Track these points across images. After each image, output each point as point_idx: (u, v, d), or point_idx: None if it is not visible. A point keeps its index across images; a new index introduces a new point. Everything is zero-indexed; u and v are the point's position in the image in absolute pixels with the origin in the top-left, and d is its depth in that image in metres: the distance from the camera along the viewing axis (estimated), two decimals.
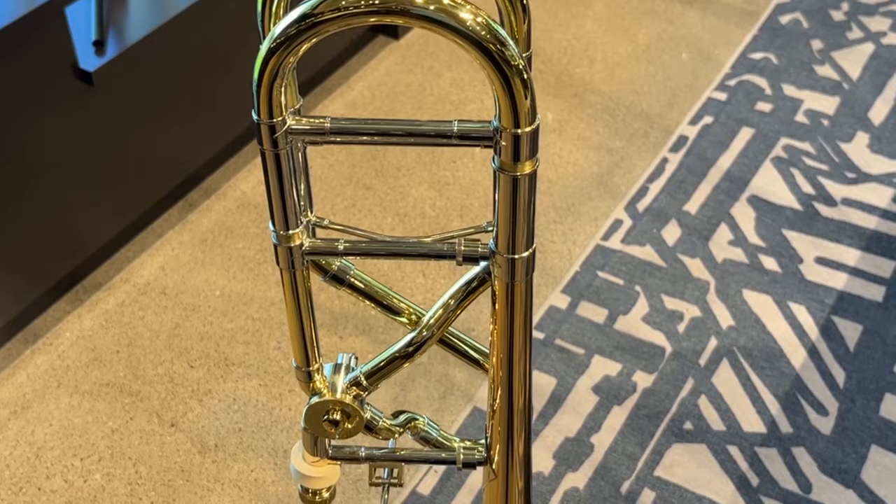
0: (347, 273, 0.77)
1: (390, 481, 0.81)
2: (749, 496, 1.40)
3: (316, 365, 0.74)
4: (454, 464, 0.78)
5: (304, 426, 0.77)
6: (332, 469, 0.81)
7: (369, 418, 0.78)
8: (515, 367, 0.68)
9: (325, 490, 0.84)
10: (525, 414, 0.69)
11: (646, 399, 1.52)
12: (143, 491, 1.43)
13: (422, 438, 0.81)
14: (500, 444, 0.71)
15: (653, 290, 1.67)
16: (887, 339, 1.58)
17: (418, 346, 0.76)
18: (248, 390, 1.55)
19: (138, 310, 1.66)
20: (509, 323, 0.66)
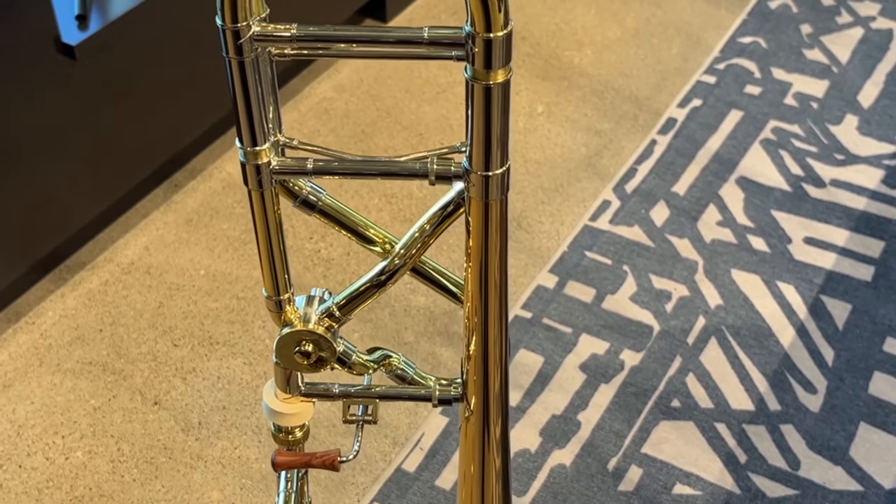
0: (318, 198, 0.75)
1: (364, 418, 0.79)
2: (737, 473, 1.39)
3: (286, 294, 0.72)
4: (429, 400, 0.76)
5: (275, 360, 0.75)
6: (306, 406, 0.79)
7: (342, 351, 0.76)
8: (491, 296, 0.66)
9: (299, 429, 0.82)
10: (501, 346, 0.68)
11: (633, 377, 1.51)
12: (126, 468, 1.42)
13: (396, 376, 0.80)
14: (476, 378, 0.69)
15: (641, 270, 1.66)
16: (876, 318, 1.57)
17: (391, 274, 0.75)
18: (233, 369, 1.54)
19: (122, 289, 1.64)
20: (483, 247, 0.65)
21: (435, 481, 1.39)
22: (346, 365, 0.76)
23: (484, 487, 0.72)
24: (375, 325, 1.59)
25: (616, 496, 1.37)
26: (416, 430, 1.46)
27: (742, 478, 1.38)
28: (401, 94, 1.98)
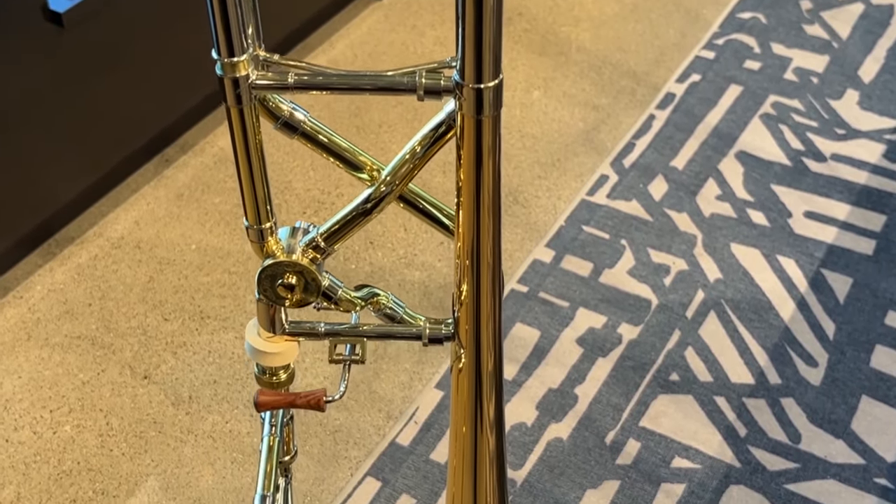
0: (301, 120, 0.72)
1: (352, 358, 0.77)
2: (736, 446, 1.37)
3: (268, 224, 0.70)
4: (419, 339, 0.74)
5: (257, 295, 0.72)
6: (290, 346, 0.76)
7: (328, 286, 0.73)
8: (483, 223, 0.64)
9: (283, 371, 0.79)
10: (494, 279, 0.65)
11: (631, 351, 1.48)
12: (115, 442, 1.39)
13: (385, 316, 0.77)
14: (469, 314, 0.66)
15: (639, 244, 1.63)
16: (878, 292, 1.55)
17: (377, 202, 0.72)
18: (224, 343, 1.51)
19: (111, 263, 1.62)
20: (476, 168, 0.62)
21: (430, 455, 1.37)
22: (332, 300, 0.74)
23: (477, 439, 0.70)
24: None
25: (614, 470, 1.35)
26: (410, 404, 1.43)
27: (742, 451, 1.36)
28: None
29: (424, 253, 1.63)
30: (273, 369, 0.79)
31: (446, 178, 1.75)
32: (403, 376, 1.47)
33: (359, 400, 1.44)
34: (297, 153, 1.78)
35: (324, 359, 1.49)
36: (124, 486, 1.34)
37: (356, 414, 1.42)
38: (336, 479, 1.35)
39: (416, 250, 1.64)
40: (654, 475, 1.34)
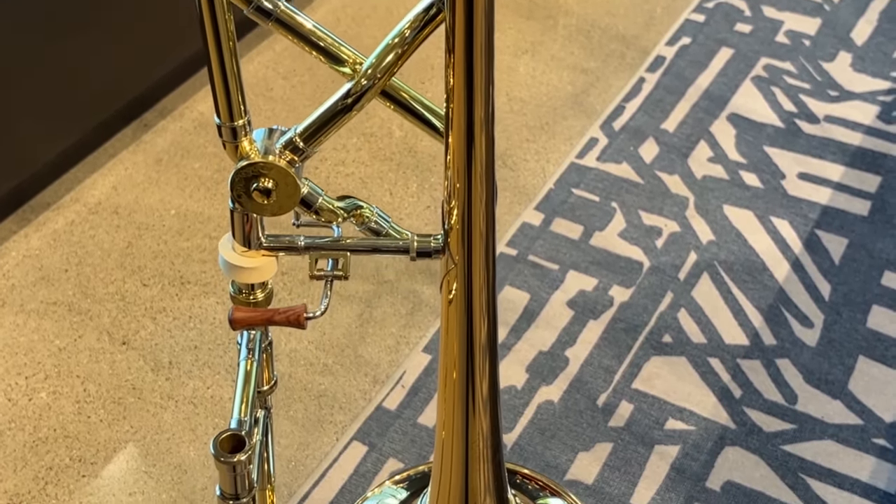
0: (275, 4, 0.68)
1: (334, 274, 0.72)
2: (731, 407, 1.33)
3: (241, 121, 0.65)
4: (406, 253, 0.70)
5: (231, 204, 0.68)
6: (267, 262, 0.72)
7: (307, 193, 0.68)
8: (476, 117, 0.60)
9: (260, 290, 0.75)
10: (488, 181, 0.61)
11: (623, 313, 1.45)
12: (92, 409, 1.35)
13: (370, 230, 0.73)
14: (460, 222, 0.62)
15: (630, 207, 1.60)
16: (874, 252, 1.51)
17: (358, 97, 0.67)
18: (205, 308, 1.47)
19: (88, 229, 1.57)
20: (467, 54, 0.58)
21: (417, 419, 1.33)
22: (312, 209, 0.69)
23: (472, 365, 0.66)
24: (354, 263, 1.52)
25: (606, 432, 1.31)
26: (397, 368, 1.39)
27: (737, 412, 1.33)
28: (380, 34, 1.90)
29: (410, 217, 1.59)
30: (249, 288, 0.74)
31: (432, 142, 1.70)
32: (390, 340, 1.43)
33: (344, 364, 1.40)
34: (282, 103, 1.73)
35: None
36: (102, 452, 1.30)
37: (341, 378, 1.38)
38: (321, 443, 1.31)
39: (402, 214, 1.60)
40: (647, 437, 1.31)
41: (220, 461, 0.58)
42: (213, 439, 0.55)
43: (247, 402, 0.60)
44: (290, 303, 1.47)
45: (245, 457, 0.58)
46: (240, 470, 0.57)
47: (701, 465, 1.27)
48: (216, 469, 0.57)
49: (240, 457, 0.58)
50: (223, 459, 0.58)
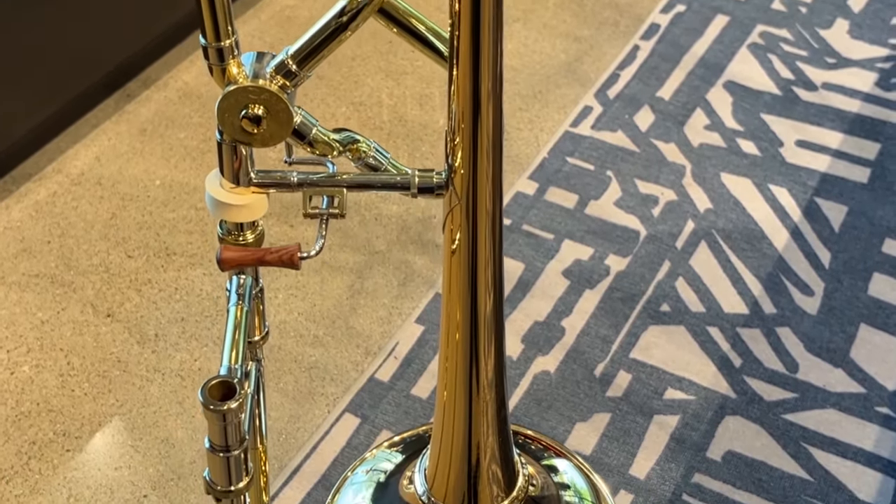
0: None
1: (329, 212, 0.68)
2: (731, 377, 1.30)
3: (228, 41, 0.61)
4: (407, 189, 0.66)
5: (218, 136, 0.64)
6: (258, 199, 0.68)
7: (301, 122, 0.64)
8: (483, 41, 0.56)
9: (250, 231, 0.71)
10: (495, 112, 0.58)
11: (619, 282, 1.42)
12: (76, 382, 1.31)
13: (367, 166, 0.69)
14: (465, 155, 0.58)
15: (625, 175, 1.56)
16: (874, 220, 1.49)
17: (353, 14, 0.63)
18: (192, 279, 1.43)
19: (71, 200, 1.53)
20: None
21: (410, 390, 1.30)
22: (305, 140, 0.66)
23: (475, 312, 0.62)
24: (344, 234, 1.49)
25: (604, 402, 1.28)
26: (389, 340, 1.36)
27: (737, 382, 1.30)
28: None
29: None
30: (239, 229, 0.70)
31: (423, 110, 1.67)
32: (382, 311, 1.39)
33: (335, 336, 1.36)
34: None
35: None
36: (87, 426, 1.26)
37: (333, 350, 1.35)
38: (312, 416, 1.28)
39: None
40: (646, 407, 1.28)
41: (209, 409, 0.55)
42: (201, 387, 0.51)
43: (237, 350, 0.56)
44: (277, 274, 1.43)
45: (236, 405, 0.54)
46: (230, 419, 0.53)
47: (701, 434, 1.25)
48: (205, 419, 0.53)
49: (230, 405, 0.54)
50: (212, 408, 0.54)
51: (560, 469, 0.78)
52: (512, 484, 0.70)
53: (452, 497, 0.69)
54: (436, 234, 1.49)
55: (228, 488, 0.57)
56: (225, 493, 0.57)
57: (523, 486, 0.70)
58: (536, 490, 0.73)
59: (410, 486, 0.72)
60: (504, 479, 0.69)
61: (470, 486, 0.68)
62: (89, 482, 1.21)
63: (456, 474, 0.68)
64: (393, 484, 0.74)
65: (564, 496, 0.73)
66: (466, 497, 0.69)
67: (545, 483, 0.74)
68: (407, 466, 0.75)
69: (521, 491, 0.70)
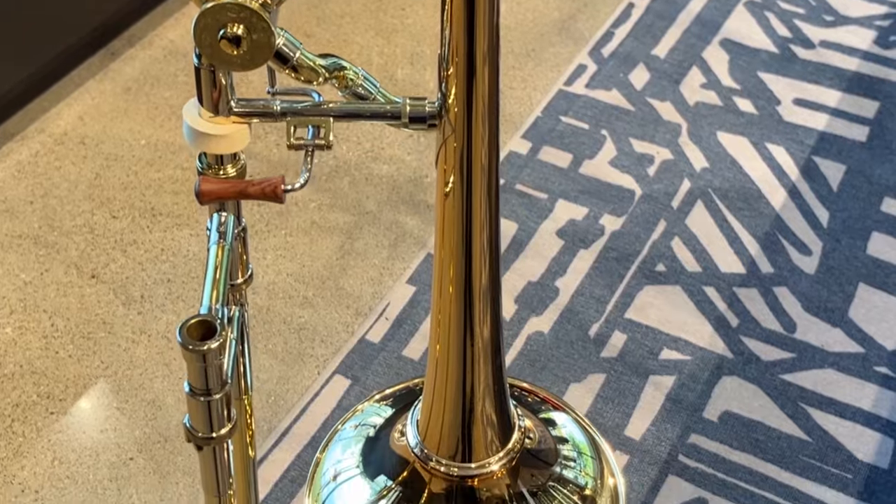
0: None
1: (315, 143, 0.65)
2: (728, 337, 1.28)
3: None
4: (398, 119, 0.63)
5: (196, 60, 0.61)
6: (239, 129, 0.65)
7: (283, 44, 0.60)
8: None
9: (231, 164, 0.67)
10: (490, 36, 0.55)
11: (614, 242, 1.39)
12: (60, 344, 1.28)
13: (355, 95, 0.66)
14: (460, 80, 0.55)
15: (620, 134, 1.54)
16: (873, 179, 1.46)
17: None
18: (178, 240, 1.40)
19: (54, 160, 1.50)
20: None
21: (402, 351, 1.27)
22: (289, 64, 0.62)
23: (470, 249, 0.59)
24: (334, 195, 1.46)
25: (599, 363, 1.26)
26: (380, 301, 1.33)
27: (734, 342, 1.28)
28: None
29: (392, 146, 1.53)
30: (219, 162, 0.66)
31: (414, 69, 1.64)
32: (372, 272, 1.37)
33: (325, 297, 1.34)
34: None
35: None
36: (71, 388, 1.24)
37: (322, 311, 1.32)
38: (302, 377, 1.25)
39: (382, 144, 1.53)
40: (641, 367, 1.26)
41: (188, 349, 0.52)
42: (178, 325, 0.48)
43: (218, 291, 0.53)
44: (265, 234, 1.41)
45: (216, 345, 0.51)
46: (211, 360, 0.50)
47: (697, 395, 1.23)
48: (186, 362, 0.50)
49: (210, 344, 0.51)
50: (192, 347, 0.51)
51: (558, 422, 0.76)
52: (508, 435, 0.67)
53: (446, 448, 0.67)
54: (427, 195, 1.47)
55: (210, 434, 0.54)
56: (206, 440, 0.54)
57: (519, 439, 0.68)
58: (533, 443, 0.70)
59: (402, 438, 0.70)
60: (499, 430, 0.67)
61: (464, 436, 0.66)
62: (74, 445, 1.18)
63: (449, 424, 0.66)
64: (384, 437, 0.72)
65: (563, 450, 0.71)
66: (460, 448, 0.67)
67: (543, 436, 0.72)
68: (398, 419, 0.72)
69: (517, 443, 0.68)
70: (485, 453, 0.67)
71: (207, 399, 0.52)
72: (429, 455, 0.67)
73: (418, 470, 0.67)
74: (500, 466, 0.68)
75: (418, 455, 0.68)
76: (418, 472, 0.67)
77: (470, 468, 0.67)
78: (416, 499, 0.66)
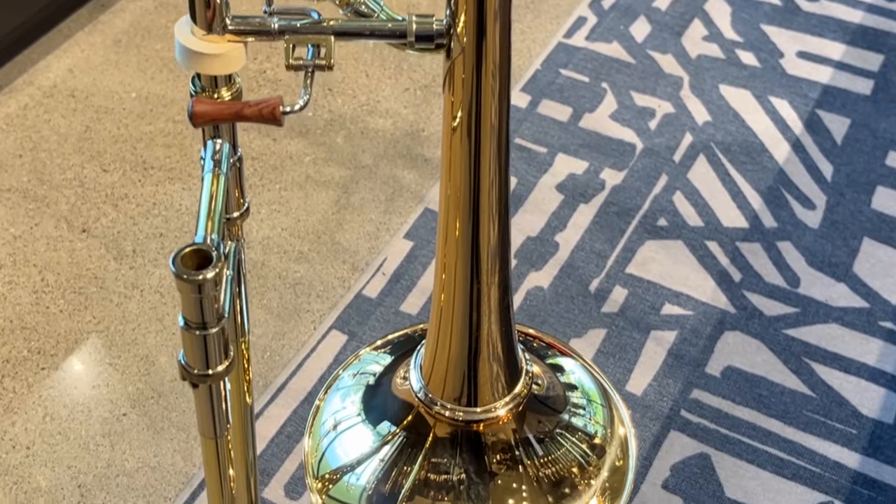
0: None
1: (315, 63, 0.62)
2: (731, 292, 1.26)
3: None
4: (403, 38, 0.60)
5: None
6: (234, 49, 0.62)
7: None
8: None
9: (226, 87, 0.64)
10: None
11: (615, 196, 1.37)
12: (51, 299, 1.26)
13: (357, 13, 0.63)
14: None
15: (621, 87, 1.51)
16: (877, 132, 1.44)
17: None
18: (171, 194, 1.37)
19: (44, 113, 1.46)
20: None
21: (399, 307, 1.25)
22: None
23: (478, 179, 0.57)
24: (329, 148, 1.43)
25: (599, 318, 1.24)
26: (377, 255, 1.31)
27: (737, 297, 1.26)
28: None
29: (388, 100, 1.50)
30: (213, 84, 0.63)
31: None
32: (369, 226, 1.34)
33: (321, 252, 1.31)
34: None
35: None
36: (63, 344, 1.22)
37: (318, 266, 1.30)
38: (298, 333, 1.23)
39: (378, 97, 1.50)
40: (642, 323, 1.24)
41: (182, 279, 0.49)
42: (172, 255, 0.46)
43: (213, 221, 0.50)
44: (259, 188, 1.38)
45: (212, 274, 0.48)
46: (206, 291, 0.48)
47: (700, 350, 1.21)
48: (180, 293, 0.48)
49: (206, 274, 0.49)
50: (186, 277, 0.49)
51: (567, 369, 0.74)
52: (515, 379, 0.65)
53: (451, 392, 0.65)
54: (425, 149, 1.44)
55: (206, 371, 0.51)
56: (202, 378, 0.52)
57: (527, 383, 0.66)
58: (541, 389, 0.68)
59: (405, 383, 0.67)
60: (506, 374, 0.64)
61: (469, 379, 0.64)
62: (65, 401, 1.16)
63: (454, 367, 0.64)
64: (385, 384, 0.70)
65: (572, 397, 0.69)
66: (466, 391, 0.65)
67: (551, 383, 0.70)
68: (399, 366, 0.70)
69: (525, 387, 0.66)
70: (491, 397, 0.65)
71: (203, 333, 0.50)
72: (433, 399, 0.65)
73: (423, 415, 0.65)
74: (506, 411, 0.66)
75: (422, 400, 0.66)
76: (423, 417, 0.65)
77: (475, 412, 0.65)
78: (421, 444, 0.65)
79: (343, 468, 0.68)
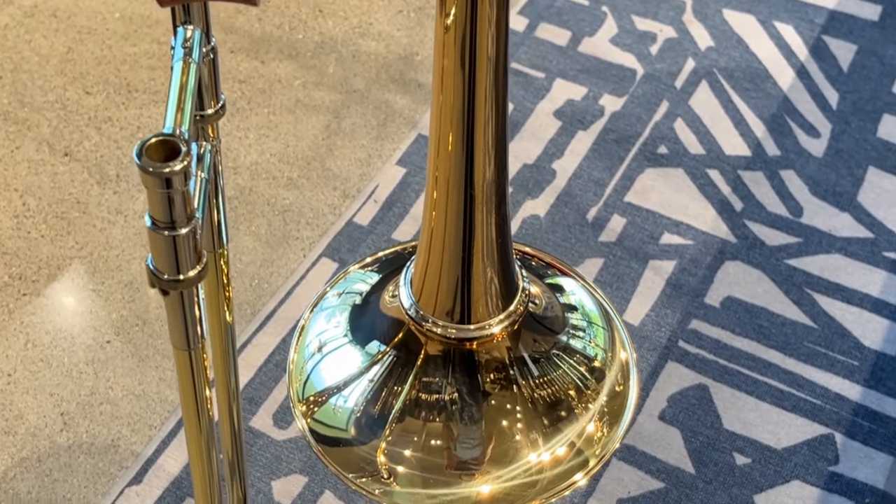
0: None
1: None
2: (732, 221, 1.23)
3: None
4: None
5: None
6: None
7: None
8: None
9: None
10: None
11: (615, 123, 1.33)
12: (33, 224, 1.22)
13: None
14: None
15: (622, 11, 1.46)
16: (885, 59, 1.40)
17: None
18: (155, 118, 1.33)
19: (24, 33, 1.41)
20: None
21: (391, 234, 1.22)
22: None
23: (474, 76, 0.53)
24: (319, 72, 1.39)
25: (597, 247, 1.21)
26: (368, 182, 1.27)
27: (738, 226, 1.23)
28: None
29: (381, 22, 1.45)
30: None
31: None
32: (360, 153, 1.30)
33: (311, 178, 1.27)
34: None
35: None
36: (45, 269, 1.18)
37: (308, 193, 1.26)
38: (287, 260, 1.20)
39: (371, 19, 1.45)
40: (641, 252, 1.20)
41: (147, 172, 0.45)
42: (136, 147, 0.42)
43: (182, 113, 0.46)
44: (247, 112, 1.34)
45: (180, 167, 0.44)
46: (175, 185, 0.44)
47: (699, 280, 1.18)
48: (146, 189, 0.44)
49: (173, 166, 0.45)
50: (152, 170, 0.44)
51: (567, 289, 0.71)
52: (510, 296, 0.62)
53: (442, 308, 0.62)
54: (418, 73, 1.39)
55: (176, 277, 0.48)
56: (172, 284, 0.48)
57: (523, 300, 0.63)
58: (539, 308, 0.66)
59: (394, 300, 0.65)
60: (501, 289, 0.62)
61: (462, 294, 0.61)
62: (48, 327, 1.13)
63: (447, 282, 0.61)
64: (373, 302, 0.67)
65: (571, 318, 0.66)
66: (458, 308, 0.62)
67: (550, 303, 0.67)
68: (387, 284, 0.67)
69: (521, 305, 0.63)
70: (485, 314, 0.62)
71: (172, 234, 0.46)
72: (424, 316, 0.62)
73: (413, 332, 0.63)
74: (500, 329, 0.63)
75: (413, 317, 0.63)
76: (413, 335, 0.63)
77: (468, 330, 0.62)
78: (412, 362, 0.62)
79: (329, 390, 0.66)
